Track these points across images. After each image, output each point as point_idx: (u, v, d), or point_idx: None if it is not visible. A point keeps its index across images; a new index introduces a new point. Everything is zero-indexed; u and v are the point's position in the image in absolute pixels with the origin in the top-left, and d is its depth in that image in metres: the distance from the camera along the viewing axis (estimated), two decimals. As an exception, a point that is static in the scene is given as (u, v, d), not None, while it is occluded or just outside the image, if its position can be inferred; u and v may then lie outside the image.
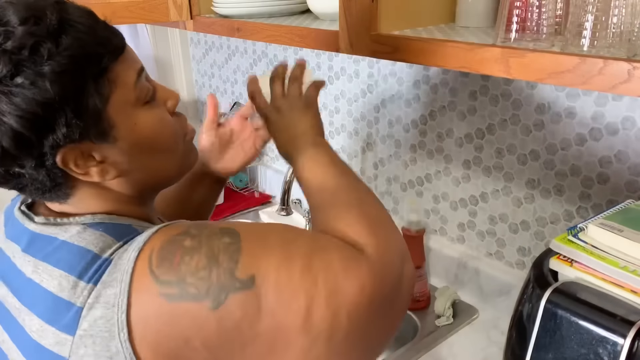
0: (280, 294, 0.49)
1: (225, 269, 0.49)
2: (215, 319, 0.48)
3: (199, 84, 1.99)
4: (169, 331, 0.49)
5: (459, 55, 0.70)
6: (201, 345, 0.49)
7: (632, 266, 0.68)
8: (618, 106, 0.88)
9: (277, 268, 0.49)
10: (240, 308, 0.48)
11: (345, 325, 0.49)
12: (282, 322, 0.49)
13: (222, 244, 0.50)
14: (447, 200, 1.20)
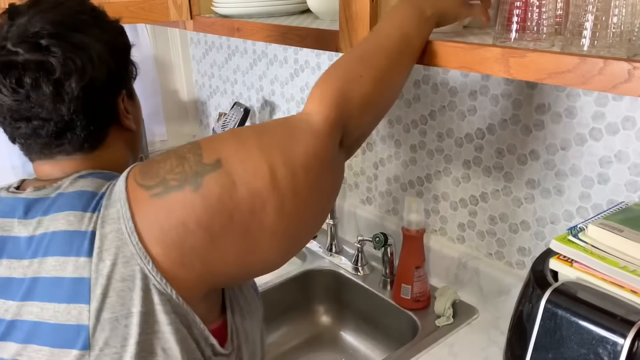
0: (245, 167, 0.59)
1: (193, 160, 0.59)
2: (200, 199, 0.57)
3: (199, 84, 1.99)
4: (168, 223, 0.57)
5: (459, 55, 0.70)
6: (196, 225, 0.57)
7: (632, 266, 0.68)
8: (618, 106, 0.88)
9: (236, 149, 0.60)
10: (216, 184, 0.58)
11: (303, 178, 0.61)
12: (254, 187, 0.59)
13: (186, 148, 0.61)
14: (447, 200, 1.20)
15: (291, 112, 1.57)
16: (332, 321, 1.32)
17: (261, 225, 0.60)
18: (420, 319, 1.11)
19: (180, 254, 0.58)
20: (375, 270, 1.28)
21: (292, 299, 1.31)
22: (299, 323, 1.31)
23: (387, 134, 1.29)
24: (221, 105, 1.90)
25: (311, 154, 0.62)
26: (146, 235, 0.57)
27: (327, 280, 1.33)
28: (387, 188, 1.34)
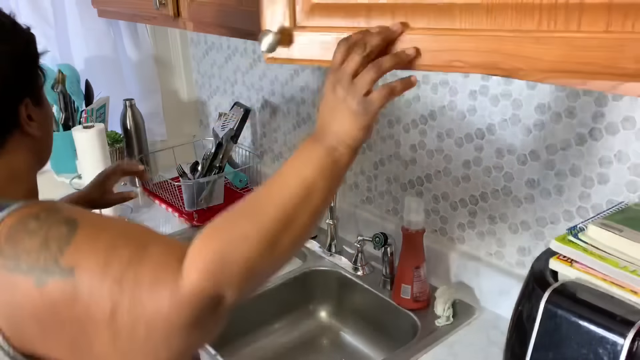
0: (92, 291, 0.55)
1: (52, 255, 0.56)
2: (39, 296, 0.55)
3: (199, 84, 1.99)
4: (9, 299, 0.56)
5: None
6: (30, 316, 0.56)
7: (632, 266, 0.68)
8: (618, 106, 0.88)
9: (94, 268, 0.55)
10: (59, 291, 0.55)
11: (143, 333, 0.55)
12: (93, 314, 0.55)
13: (58, 233, 0.57)
14: (447, 200, 1.20)
15: (291, 112, 1.57)
16: (332, 321, 1.32)
17: (90, 347, 0.57)
18: (420, 319, 1.11)
19: (16, 328, 0.57)
20: (375, 270, 1.28)
21: (292, 299, 1.31)
22: (299, 323, 1.31)
23: (387, 134, 1.29)
24: (221, 105, 1.90)
25: (162, 317, 0.55)
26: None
27: (327, 280, 1.33)
28: (387, 188, 1.34)
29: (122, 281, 0.55)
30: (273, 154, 1.72)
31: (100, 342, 0.56)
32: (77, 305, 0.55)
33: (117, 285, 0.54)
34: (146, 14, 1.36)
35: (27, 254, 0.56)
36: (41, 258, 0.56)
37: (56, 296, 0.55)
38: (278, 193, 0.60)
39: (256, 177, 1.73)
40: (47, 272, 0.55)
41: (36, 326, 0.56)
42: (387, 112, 1.27)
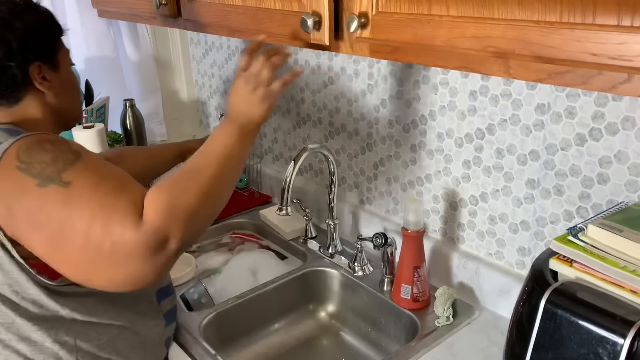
0: (79, 203, 0.72)
1: (57, 170, 0.74)
2: (38, 193, 0.73)
3: (199, 84, 1.99)
4: (12, 190, 0.74)
5: (459, 55, 0.70)
6: (24, 209, 0.73)
7: (632, 266, 0.69)
8: (618, 106, 0.88)
9: (86, 188, 0.73)
10: (54, 194, 0.73)
11: (108, 250, 0.71)
12: (74, 220, 0.72)
13: (65, 157, 0.76)
14: (447, 200, 1.20)
15: (291, 112, 1.58)
16: (332, 321, 1.32)
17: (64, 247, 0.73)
18: (420, 319, 1.11)
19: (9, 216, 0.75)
20: (375, 270, 1.28)
21: (292, 299, 1.31)
22: (299, 323, 1.31)
23: (387, 134, 1.29)
24: (221, 105, 1.90)
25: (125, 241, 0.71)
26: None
27: (327, 280, 1.33)
28: (387, 188, 1.34)
29: (103, 205, 0.72)
30: (273, 154, 1.72)
31: (73, 245, 0.72)
32: (64, 209, 0.72)
33: (99, 206, 0.72)
34: (146, 14, 1.36)
35: (39, 163, 0.74)
36: (48, 169, 0.74)
37: (51, 197, 0.73)
38: (209, 157, 0.82)
39: (256, 177, 1.74)
40: (50, 179, 0.73)
41: (25, 218, 0.73)
42: (387, 112, 1.27)
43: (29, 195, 0.73)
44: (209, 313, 1.16)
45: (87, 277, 0.75)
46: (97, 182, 0.74)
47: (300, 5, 0.88)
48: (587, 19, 0.56)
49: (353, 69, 1.32)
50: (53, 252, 0.75)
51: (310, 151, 1.22)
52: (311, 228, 1.44)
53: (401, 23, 0.74)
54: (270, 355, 1.23)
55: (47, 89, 0.90)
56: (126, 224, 0.71)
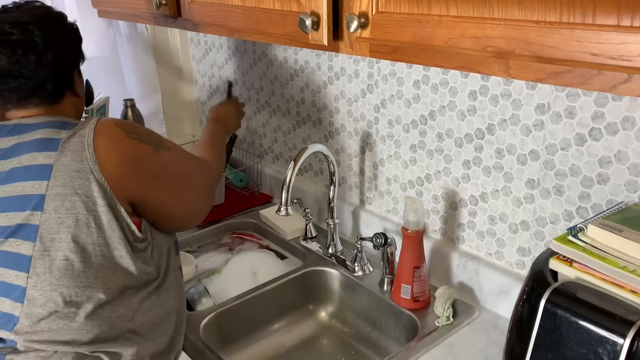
0: (184, 159, 1.04)
1: (158, 138, 0.98)
2: (156, 156, 0.95)
3: (199, 84, 1.99)
4: (127, 154, 0.89)
5: (459, 55, 0.70)
6: (146, 169, 0.92)
7: (632, 266, 0.69)
8: (618, 106, 0.88)
9: (179, 149, 1.03)
10: (167, 157, 0.98)
11: (207, 184, 1.09)
12: (187, 169, 1.03)
13: (151, 130, 1.00)
14: (447, 200, 1.20)
15: (291, 112, 1.58)
16: (332, 321, 1.32)
17: (182, 189, 1.00)
18: (420, 319, 1.11)
19: (121, 171, 0.88)
20: (375, 270, 1.28)
21: (292, 299, 1.31)
22: (299, 323, 1.31)
23: (387, 134, 1.29)
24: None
25: (215, 181, 1.14)
26: (100, 152, 0.87)
27: (327, 280, 1.33)
28: (387, 188, 1.34)
29: (195, 158, 1.09)
30: (273, 154, 1.72)
31: (189, 183, 1.02)
32: (176, 165, 1.00)
33: (195, 159, 1.08)
34: (146, 14, 1.36)
35: (143, 133, 0.94)
36: (153, 138, 0.96)
37: (166, 158, 0.97)
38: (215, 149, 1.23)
39: (256, 177, 1.74)
40: (159, 145, 0.96)
41: (150, 174, 0.93)
42: (387, 112, 1.27)
43: (150, 156, 0.93)
44: (209, 313, 1.16)
45: (190, 209, 1.04)
46: (178, 147, 1.04)
47: (299, 6, 0.88)
48: (587, 19, 0.56)
49: (353, 69, 1.32)
50: (173, 193, 0.98)
51: (310, 151, 1.22)
52: (311, 228, 1.44)
53: (401, 23, 0.74)
54: (270, 355, 1.23)
55: (79, 91, 1.04)
56: (211, 169, 1.13)
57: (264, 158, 1.76)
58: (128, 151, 0.89)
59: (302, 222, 1.47)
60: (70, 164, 0.86)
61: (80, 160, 0.86)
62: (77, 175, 0.85)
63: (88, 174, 0.85)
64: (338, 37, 0.85)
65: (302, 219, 1.46)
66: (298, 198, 1.51)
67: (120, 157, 0.88)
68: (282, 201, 1.17)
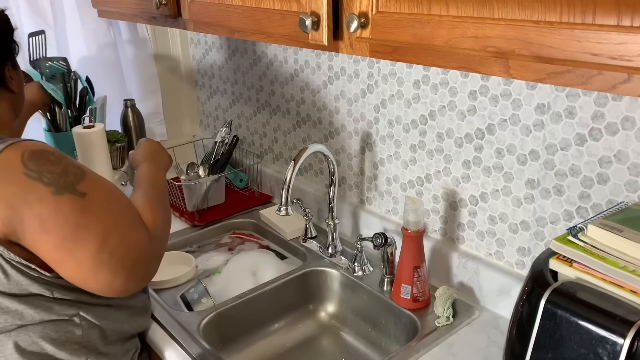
0: (97, 212, 0.81)
1: (70, 181, 0.80)
2: (53, 200, 0.78)
3: (199, 84, 1.99)
4: (23, 197, 0.77)
5: (459, 55, 0.70)
6: (35, 215, 0.77)
7: (632, 266, 0.68)
8: (618, 106, 0.88)
9: (102, 198, 0.84)
10: (70, 204, 0.79)
11: (121, 254, 0.82)
12: (89, 227, 0.80)
13: (74, 169, 0.83)
14: (447, 200, 1.20)
15: (291, 112, 1.58)
16: (332, 321, 1.32)
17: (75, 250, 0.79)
18: (420, 319, 1.11)
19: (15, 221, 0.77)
20: (375, 270, 1.28)
21: (292, 299, 1.31)
22: (299, 323, 1.31)
23: (387, 134, 1.29)
24: (221, 105, 1.90)
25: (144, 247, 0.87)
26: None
27: (327, 280, 1.33)
28: (387, 188, 1.34)
29: (122, 215, 0.85)
30: (273, 154, 1.72)
31: (85, 249, 0.79)
32: (82, 216, 0.79)
33: (117, 217, 0.84)
34: (146, 14, 1.36)
35: (50, 173, 0.79)
36: (61, 179, 0.79)
37: (67, 205, 0.79)
38: (160, 188, 1.06)
39: (256, 177, 1.74)
40: (65, 189, 0.79)
41: (37, 222, 0.77)
42: (387, 112, 1.27)
43: (44, 201, 0.77)
44: (209, 313, 1.16)
45: (86, 280, 0.82)
46: (109, 195, 0.86)
47: (299, 6, 0.88)
48: (587, 19, 0.56)
49: (353, 69, 1.32)
50: (60, 255, 0.79)
51: (310, 151, 1.22)
52: (311, 228, 1.44)
53: (401, 23, 0.74)
54: (270, 355, 1.23)
55: (14, 87, 0.96)
56: (143, 234, 0.87)
57: (264, 158, 1.76)
58: (17, 192, 0.77)
59: (302, 222, 1.47)
60: None
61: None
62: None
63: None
64: (338, 37, 0.85)
65: (302, 219, 1.46)
66: (298, 198, 1.51)
67: (4, 199, 0.77)
68: (282, 201, 1.17)
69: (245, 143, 1.83)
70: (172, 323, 1.13)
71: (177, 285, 1.32)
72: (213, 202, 1.63)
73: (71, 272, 0.81)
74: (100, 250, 0.80)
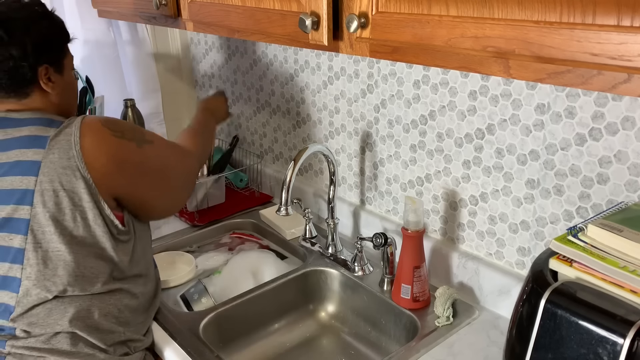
0: (167, 151, 1.08)
1: (140, 133, 1.02)
2: (139, 152, 0.99)
3: (199, 84, 1.99)
4: (116, 152, 0.95)
5: (459, 55, 0.70)
6: (132, 166, 0.98)
7: (632, 266, 0.69)
8: (618, 106, 0.88)
9: (162, 141, 1.09)
10: (150, 150, 1.02)
11: (191, 171, 1.16)
12: (169, 160, 1.07)
13: (134, 126, 1.04)
14: (447, 200, 1.20)
15: (291, 112, 1.58)
16: (332, 321, 1.32)
17: (166, 184, 1.06)
18: (420, 319, 1.11)
19: (107, 169, 0.93)
20: (375, 270, 1.28)
21: (292, 299, 1.31)
22: (299, 323, 1.31)
23: (387, 134, 1.29)
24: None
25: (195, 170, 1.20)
26: (86, 150, 0.91)
27: (327, 280, 1.33)
28: (387, 188, 1.34)
29: (176, 148, 1.13)
30: (273, 154, 1.72)
31: (173, 175, 1.08)
32: (159, 157, 1.04)
33: (176, 150, 1.12)
34: (146, 14, 1.36)
35: (127, 130, 0.98)
36: (137, 134, 1.00)
37: (150, 154, 1.02)
38: (208, 135, 1.32)
39: (256, 177, 1.74)
40: (142, 140, 1.00)
41: (134, 170, 0.98)
42: (387, 112, 1.27)
43: (135, 153, 0.98)
44: (209, 313, 1.16)
45: (173, 199, 1.11)
46: (161, 138, 1.09)
47: (299, 6, 0.88)
48: (587, 19, 0.56)
49: (353, 69, 1.32)
50: (157, 186, 1.04)
51: (310, 151, 1.22)
52: (311, 228, 1.44)
53: (401, 23, 0.74)
54: (270, 355, 1.23)
55: (51, 89, 1.02)
56: (193, 158, 1.17)
57: (264, 158, 1.76)
58: (113, 149, 0.94)
59: (302, 222, 1.47)
60: (58, 161, 0.90)
61: (67, 157, 0.90)
62: (64, 172, 0.90)
63: (75, 171, 0.90)
64: (338, 37, 0.85)
65: (302, 219, 1.46)
66: (298, 198, 1.51)
67: (106, 156, 0.93)
68: (282, 201, 1.17)
69: (245, 143, 1.83)
70: (172, 323, 1.13)
71: (177, 285, 1.32)
72: (213, 202, 1.63)
73: (164, 200, 1.08)
74: (181, 174, 1.09)
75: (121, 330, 0.99)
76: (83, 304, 0.94)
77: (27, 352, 0.92)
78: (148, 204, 1.04)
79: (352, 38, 0.83)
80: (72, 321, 0.93)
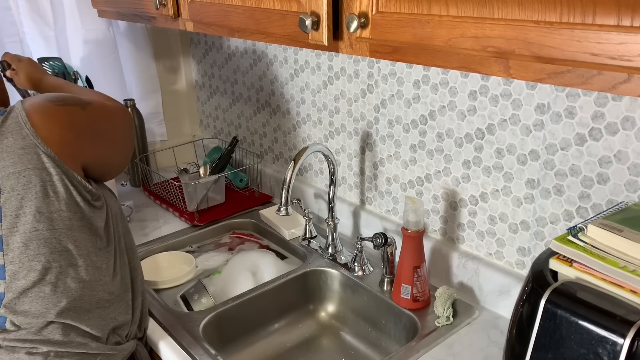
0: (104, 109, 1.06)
1: (78, 98, 1.01)
2: (85, 114, 0.99)
3: (199, 84, 1.99)
4: (69, 119, 0.95)
5: (459, 55, 0.70)
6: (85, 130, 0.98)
7: (632, 266, 0.69)
8: (618, 106, 0.88)
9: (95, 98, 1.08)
10: (94, 110, 1.01)
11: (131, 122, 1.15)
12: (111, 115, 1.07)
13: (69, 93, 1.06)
14: (447, 200, 1.20)
15: (291, 112, 1.58)
16: (332, 321, 1.32)
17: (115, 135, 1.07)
18: (420, 319, 1.11)
19: (64, 139, 0.93)
20: (375, 270, 1.28)
21: (292, 299, 1.31)
22: (299, 323, 1.31)
23: (387, 134, 1.29)
24: (221, 105, 1.90)
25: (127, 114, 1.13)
26: (39, 126, 0.91)
27: (327, 280, 1.33)
28: (387, 188, 1.34)
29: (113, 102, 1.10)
30: (273, 154, 1.72)
31: (119, 129, 1.08)
32: (102, 115, 1.04)
33: (114, 104, 1.10)
34: (146, 14, 1.36)
35: (67, 98, 0.99)
36: (75, 99, 0.99)
37: (93, 113, 1.01)
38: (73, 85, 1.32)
39: (256, 177, 1.74)
40: (83, 103, 0.99)
41: (88, 134, 0.98)
42: (387, 112, 1.27)
43: (82, 116, 0.98)
44: (209, 313, 1.16)
45: (128, 148, 1.12)
46: (92, 94, 1.15)
47: (299, 6, 0.88)
48: (587, 19, 0.56)
49: (353, 69, 1.32)
50: (113, 141, 1.05)
51: (310, 151, 1.22)
52: (311, 228, 1.44)
53: (401, 23, 0.74)
54: (270, 355, 1.23)
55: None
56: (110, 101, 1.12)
57: (264, 158, 1.76)
58: (63, 117, 0.95)
59: (302, 222, 1.47)
60: (14, 144, 0.90)
61: (22, 137, 0.90)
62: (23, 152, 0.90)
63: (35, 148, 0.90)
64: (338, 37, 0.85)
65: (302, 219, 1.46)
66: (298, 198, 1.51)
67: (60, 125, 0.93)
68: (282, 201, 1.17)
69: (245, 143, 1.83)
70: (172, 323, 1.13)
71: (177, 285, 1.32)
72: (213, 202, 1.63)
73: (120, 153, 1.08)
74: (119, 124, 1.08)
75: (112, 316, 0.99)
76: (75, 293, 0.94)
77: (20, 344, 0.92)
78: (110, 162, 1.05)
79: (352, 38, 0.83)
80: (64, 311, 0.93)
